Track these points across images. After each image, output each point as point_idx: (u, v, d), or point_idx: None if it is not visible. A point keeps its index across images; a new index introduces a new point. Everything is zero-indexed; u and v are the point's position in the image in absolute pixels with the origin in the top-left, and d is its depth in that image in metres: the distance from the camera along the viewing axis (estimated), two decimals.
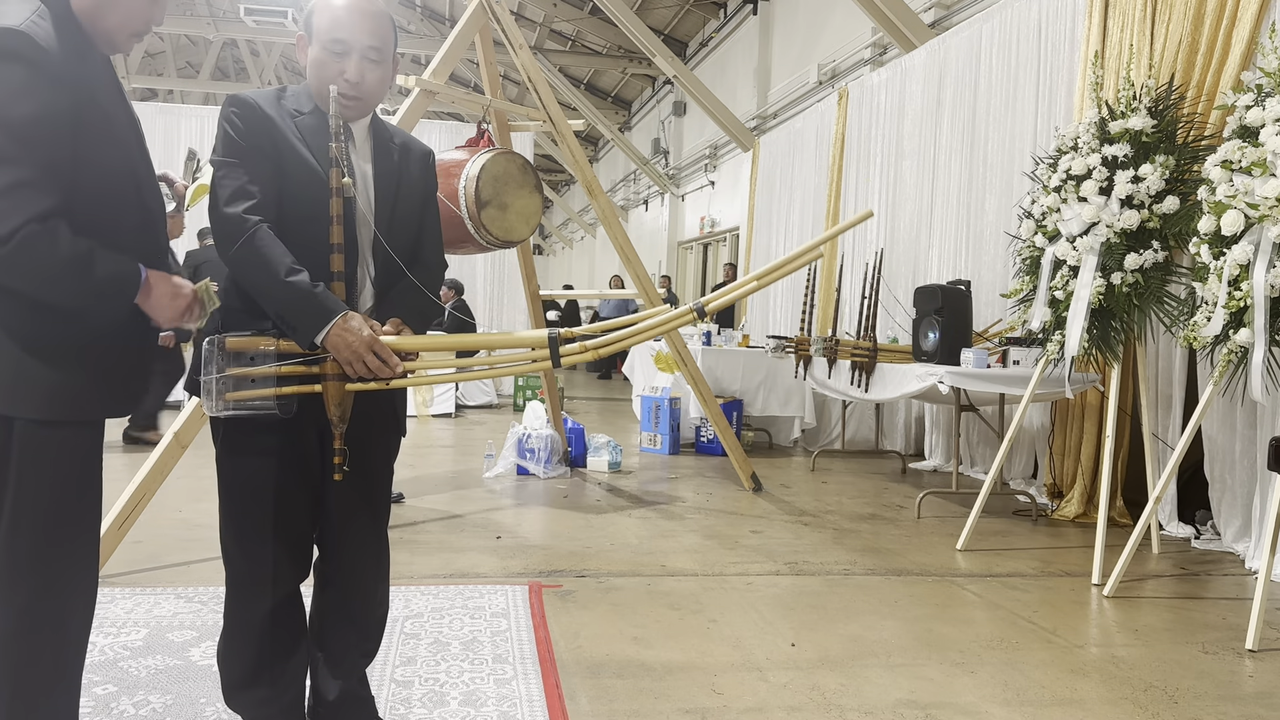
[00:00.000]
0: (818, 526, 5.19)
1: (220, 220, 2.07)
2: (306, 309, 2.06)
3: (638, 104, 21.35)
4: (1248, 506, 4.62)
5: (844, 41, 11.00)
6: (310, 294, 2.05)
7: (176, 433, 3.97)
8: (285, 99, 2.17)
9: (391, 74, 2.22)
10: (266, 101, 2.14)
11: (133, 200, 1.93)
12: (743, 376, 7.96)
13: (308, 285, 2.05)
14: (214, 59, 19.75)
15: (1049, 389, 4.93)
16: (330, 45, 2.12)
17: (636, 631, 3.40)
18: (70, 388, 1.85)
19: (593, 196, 5.88)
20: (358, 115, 2.20)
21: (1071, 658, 3.28)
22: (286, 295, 2.04)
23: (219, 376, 2.04)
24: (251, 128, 2.10)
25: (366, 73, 2.14)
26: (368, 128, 2.25)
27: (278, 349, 2.08)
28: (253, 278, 2.06)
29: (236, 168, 2.08)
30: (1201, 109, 4.61)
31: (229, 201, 2.06)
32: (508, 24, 5.49)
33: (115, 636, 3.16)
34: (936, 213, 7.10)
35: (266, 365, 2.06)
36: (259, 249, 2.03)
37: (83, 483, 1.90)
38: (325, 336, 2.06)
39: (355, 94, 2.14)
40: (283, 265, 2.03)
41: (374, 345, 2.09)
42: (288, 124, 2.13)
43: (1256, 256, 3.52)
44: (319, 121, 2.16)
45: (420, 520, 5.02)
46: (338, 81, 2.12)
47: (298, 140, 2.12)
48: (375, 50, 2.14)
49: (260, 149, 2.09)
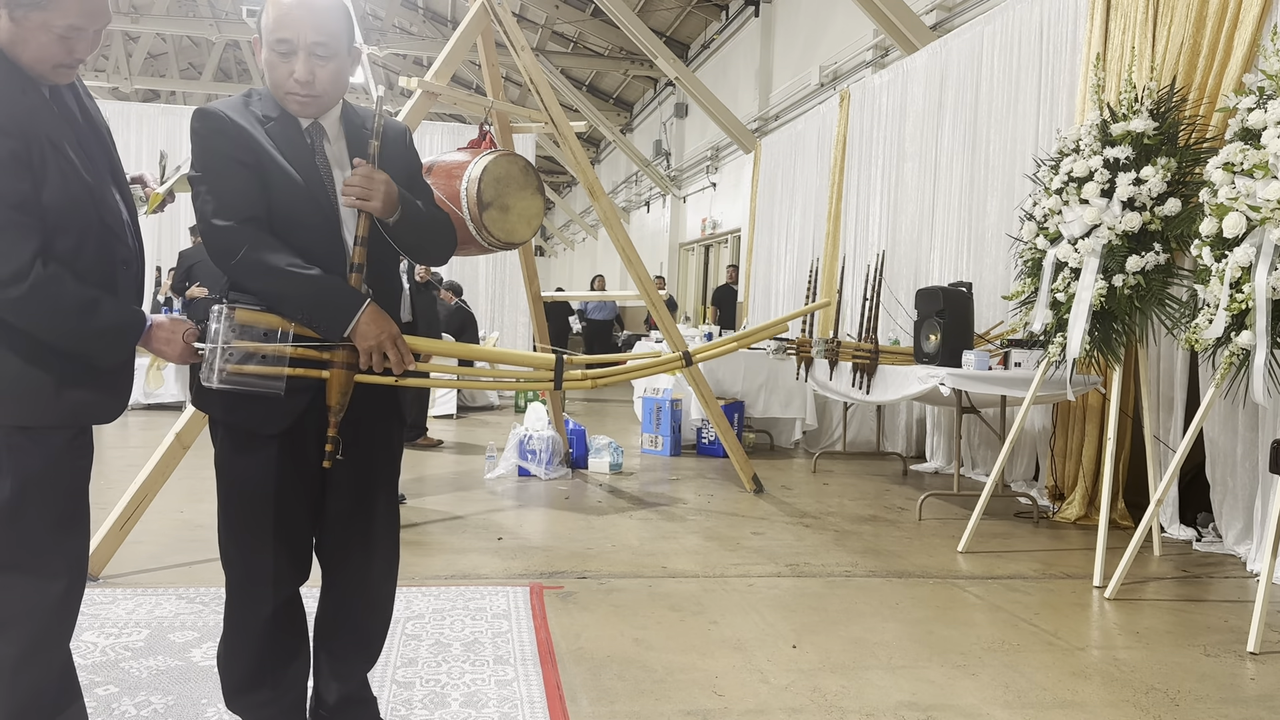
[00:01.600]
0: (819, 528, 5.19)
1: (212, 233, 2.06)
2: (335, 299, 2.06)
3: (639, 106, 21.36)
4: (1249, 509, 4.62)
5: (845, 43, 11.00)
6: (338, 284, 2.06)
7: (178, 433, 3.96)
8: (252, 104, 2.13)
9: (348, 64, 2.15)
10: (235, 110, 2.10)
11: (94, 222, 1.95)
12: (744, 378, 7.95)
13: (329, 277, 2.05)
14: (216, 60, 19.77)
15: (1050, 391, 4.93)
16: (275, 46, 2.07)
17: (638, 633, 3.40)
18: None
19: (594, 198, 5.89)
20: (318, 112, 2.15)
21: (1073, 660, 3.27)
22: (311, 288, 2.04)
23: (224, 346, 2.01)
24: (226, 139, 2.06)
25: (316, 70, 2.08)
26: (338, 120, 2.20)
27: (292, 329, 2.07)
28: (264, 282, 2.05)
29: (217, 179, 2.06)
30: (1203, 111, 4.61)
31: (217, 213, 2.05)
32: (510, 26, 5.49)
33: (116, 637, 3.16)
34: (938, 214, 7.10)
35: (278, 344, 2.05)
36: (265, 254, 2.02)
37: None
38: (354, 326, 2.06)
39: (307, 93, 2.09)
40: (295, 263, 2.03)
41: (398, 338, 2.10)
42: (259, 131, 2.09)
43: (1258, 259, 3.52)
44: (287, 126, 2.12)
45: (422, 521, 5.03)
46: (287, 83, 2.08)
47: (273, 149, 2.09)
48: (321, 46, 2.07)
49: (239, 160, 2.06)
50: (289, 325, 2.06)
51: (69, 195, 1.88)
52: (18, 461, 1.87)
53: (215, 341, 2.01)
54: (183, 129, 11.43)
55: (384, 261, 2.23)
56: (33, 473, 1.88)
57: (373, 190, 2.08)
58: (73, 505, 1.96)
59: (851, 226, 8.45)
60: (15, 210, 1.81)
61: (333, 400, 2.10)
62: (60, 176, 1.87)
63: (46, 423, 1.88)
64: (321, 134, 2.17)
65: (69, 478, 1.95)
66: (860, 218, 8.32)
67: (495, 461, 6.48)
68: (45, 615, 1.91)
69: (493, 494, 5.88)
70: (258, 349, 2.04)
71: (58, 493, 1.92)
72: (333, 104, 2.18)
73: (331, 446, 2.11)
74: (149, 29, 17.05)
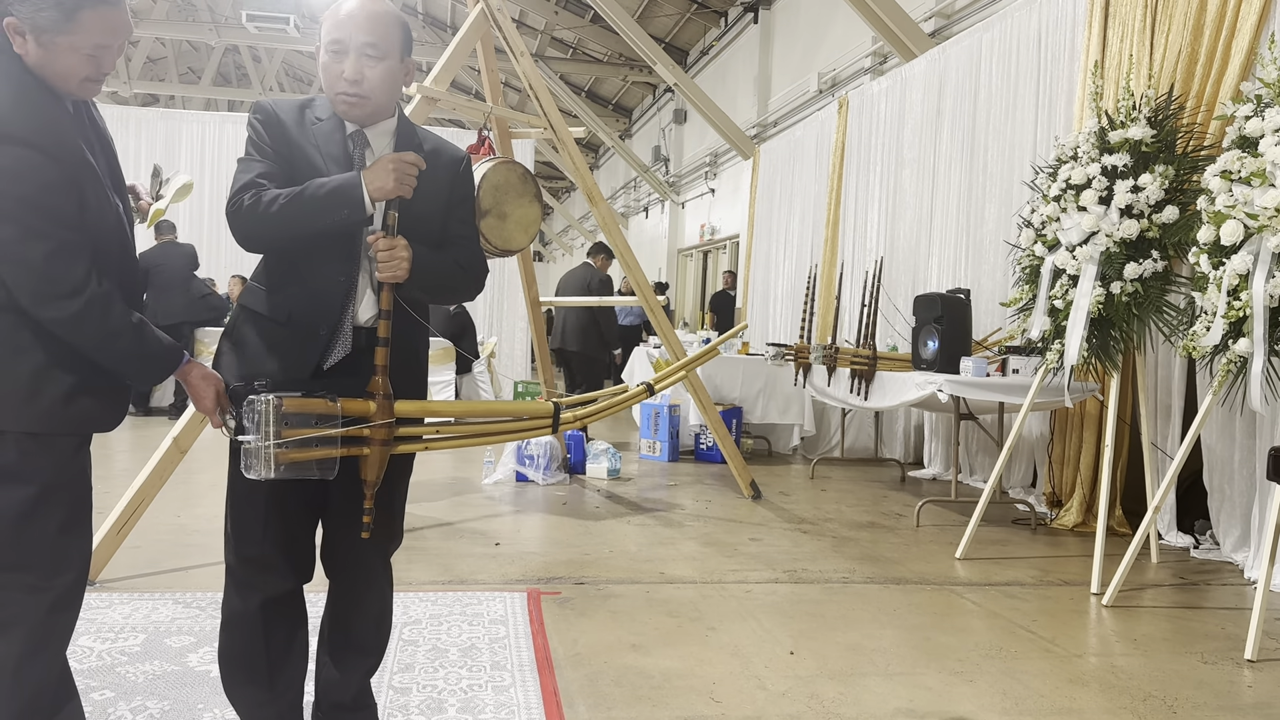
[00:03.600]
0: (817, 534, 5.18)
1: (233, 212, 2.09)
2: (341, 188, 2.06)
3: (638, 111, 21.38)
4: (1247, 516, 4.62)
5: (844, 50, 11.02)
6: (335, 179, 2.07)
7: (175, 438, 3.96)
8: (310, 107, 2.20)
9: (400, 72, 2.18)
10: (286, 108, 2.17)
11: (118, 244, 1.99)
12: (742, 384, 7.95)
13: (323, 180, 2.07)
14: (216, 65, 19.78)
15: (1048, 398, 4.93)
16: (329, 47, 2.13)
17: (635, 639, 3.40)
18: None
19: (593, 204, 5.89)
20: (365, 115, 2.17)
21: (1070, 667, 3.27)
22: (320, 192, 2.05)
23: (277, 443, 1.99)
24: (268, 132, 2.14)
25: (365, 70, 2.11)
26: (392, 132, 2.22)
27: (340, 411, 2.07)
28: (284, 219, 2.05)
29: (252, 164, 2.13)
30: (1201, 119, 4.62)
31: (236, 195, 2.09)
32: (509, 31, 5.50)
33: (113, 642, 3.16)
34: (936, 221, 7.11)
35: (328, 428, 2.05)
36: (271, 198, 2.05)
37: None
38: (367, 182, 2.06)
39: (355, 92, 2.12)
40: (296, 189, 2.06)
41: (399, 160, 2.09)
42: (306, 131, 2.15)
43: (1256, 266, 3.52)
44: (334, 127, 2.17)
45: (419, 527, 5.02)
46: (338, 83, 2.12)
47: (312, 147, 2.14)
48: (372, 46, 2.11)
49: (276, 152, 2.13)
50: (336, 409, 2.06)
51: (104, 219, 1.94)
52: (30, 467, 1.90)
53: (266, 436, 1.99)
54: (182, 133, 11.53)
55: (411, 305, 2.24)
56: (44, 478, 1.91)
57: (396, 263, 2.09)
58: (78, 509, 1.99)
59: (850, 233, 8.46)
60: (70, 230, 1.86)
61: (370, 475, 2.13)
62: (96, 199, 1.92)
63: (56, 430, 1.92)
64: (364, 143, 2.19)
65: (75, 482, 1.99)
66: (859, 224, 8.33)
67: (493, 467, 6.47)
68: (49, 617, 1.94)
69: (490, 499, 5.87)
70: (309, 435, 2.03)
71: (65, 497, 1.96)
72: (383, 111, 2.19)
73: (369, 519, 2.14)
74: (148, 33, 17.06)
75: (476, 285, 2.32)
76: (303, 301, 2.14)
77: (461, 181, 2.29)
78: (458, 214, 2.28)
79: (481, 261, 2.32)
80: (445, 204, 2.25)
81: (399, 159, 2.09)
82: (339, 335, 2.15)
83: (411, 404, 2.19)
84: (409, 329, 2.22)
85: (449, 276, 2.24)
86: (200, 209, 10.79)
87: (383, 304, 2.12)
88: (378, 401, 2.12)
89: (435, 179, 2.22)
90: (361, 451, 2.11)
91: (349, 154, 2.16)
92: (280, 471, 2.01)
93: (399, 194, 2.09)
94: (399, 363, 2.21)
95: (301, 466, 2.04)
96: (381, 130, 2.21)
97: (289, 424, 2.01)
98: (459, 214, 2.29)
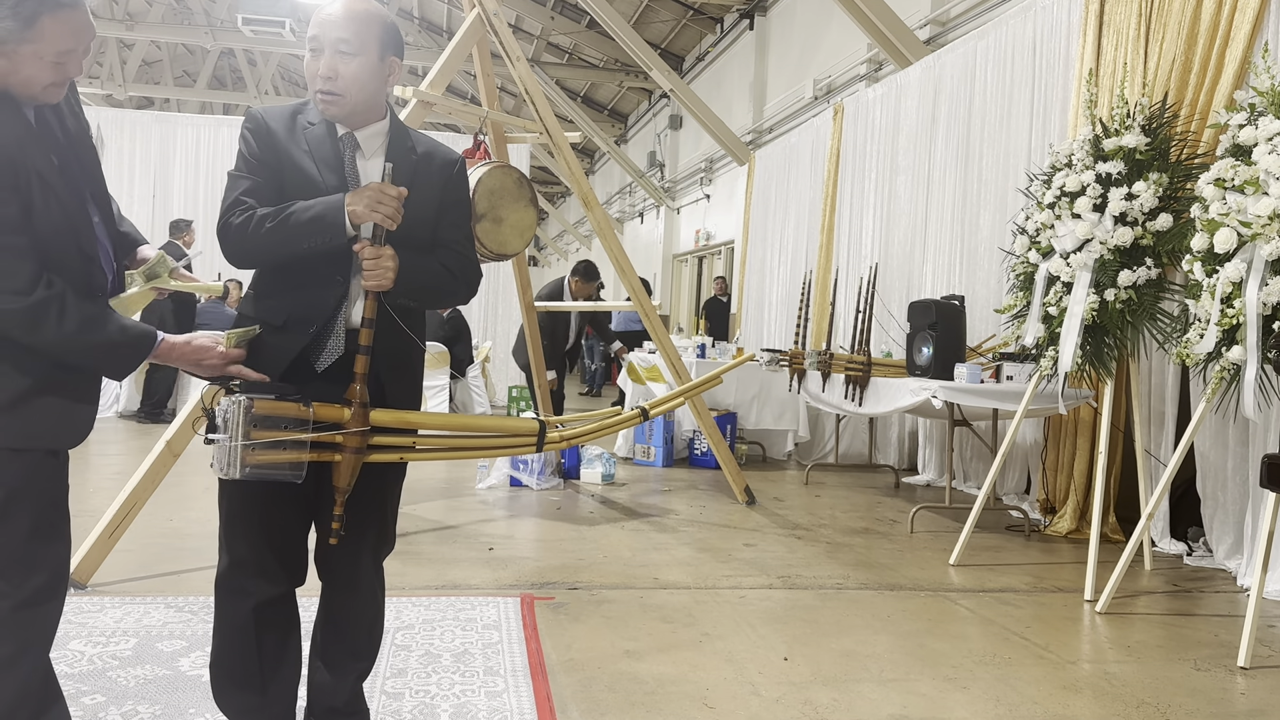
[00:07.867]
0: (811, 540, 5.18)
1: (222, 231, 2.12)
2: (323, 215, 2.06)
3: (634, 117, 21.40)
4: (1240, 523, 4.63)
5: (840, 57, 11.04)
6: (319, 203, 2.06)
7: (168, 441, 3.95)
8: (303, 112, 2.19)
9: (380, 70, 2.15)
10: (276, 116, 2.17)
11: (72, 252, 1.95)
12: (737, 390, 7.95)
13: (308, 204, 2.07)
14: (211, 68, 19.78)
15: (1042, 405, 4.94)
16: (309, 45, 2.14)
17: (629, 644, 3.39)
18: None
19: (588, 208, 5.89)
20: (345, 114, 2.16)
21: (1064, 674, 3.27)
22: (304, 216, 2.06)
23: (245, 444, 2.00)
24: (258, 143, 2.15)
25: (339, 66, 2.10)
26: (385, 134, 2.21)
27: (311, 416, 2.06)
28: (271, 242, 2.07)
29: (239, 180, 2.14)
30: (1195, 127, 4.64)
31: (225, 214, 2.12)
32: (505, 36, 5.51)
33: (104, 646, 3.14)
34: (931, 228, 7.12)
35: (296, 431, 2.05)
36: (259, 221, 2.06)
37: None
38: (351, 206, 2.05)
39: (329, 89, 2.11)
40: (283, 210, 2.06)
41: (380, 191, 2.07)
42: (297, 137, 2.15)
43: (1249, 274, 3.53)
44: (325, 131, 2.17)
45: (412, 531, 5.01)
46: (315, 81, 2.12)
47: (302, 152, 2.13)
48: (345, 42, 2.10)
49: (265, 163, 2.13)
50: (308, 413, 2.06)
51: (51, 226, 1.90)
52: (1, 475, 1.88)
53: (234, 436, 1.99)
54: (176, 136, 11.49)
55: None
56: (15, 485, 1.89)
57: (381, 272, 2.08)
58: (48, 515, 1.97)
59: (844, 239, 8.47)
60: (11, 234, 1.83)
61: (341, 482, 2.13)
62: (44, 207, 1.89)
63: (13, 445, 1.89)
64: (354, 146, 2.19)
65: (50, 488, 1.96)
66: (853, 230, 8.34)
67: (487, 471, 6.46)
68: (29, 620, 1.93)
69: (484, 504, 5.86)
70: (278, 438, 2.03)
71: (40, 503, 1.94)
72: (368, 112, 2.18)
73: (338, 525, 2.14)
74: (144, 36, 17.05)
75: (468, 290, 2.29)
76: (299, 304, 2.14)
77: (454, 185, 2.28)
78: (450, 217, 2.27)
79: (474, 265, 2.30)
80: (437, 207, 2.23)
81: (380, 190, 2.06)
82: (331, 335, 2.15)
83: (387, 414, 2.18)
84: (402, 335, 2.22)
85: (438, 282, 2.23)
86: (196, 213, 10.77)
87: (366, 312, 2.11)
88: (353, 409, 2.11)
89: (428, 182, 2.21)
90: (333, 458, 2.10)
91: (340, 157, 2.16)
92: (246, 473, 2.01)
93: (379, 224, 2.08)
94: (392, 369, 2.20)
95: (270, 468, 2.03)
96: (373, 133, 2.21)
97: (258, 425, 2.01)
98: (451, 217, 2.27)
